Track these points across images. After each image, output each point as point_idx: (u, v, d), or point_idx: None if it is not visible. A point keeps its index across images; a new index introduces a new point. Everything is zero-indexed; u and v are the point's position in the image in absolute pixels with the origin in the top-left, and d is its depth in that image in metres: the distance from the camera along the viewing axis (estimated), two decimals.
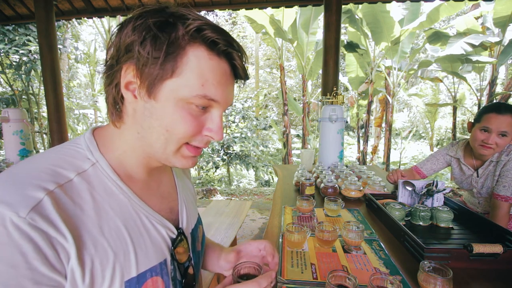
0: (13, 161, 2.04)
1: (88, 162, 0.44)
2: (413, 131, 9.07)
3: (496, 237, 0.93)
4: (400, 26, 4.86)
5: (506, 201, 1.26)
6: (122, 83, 0.42)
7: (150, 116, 0.43)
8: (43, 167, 0.40)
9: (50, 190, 0.37)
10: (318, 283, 0.71)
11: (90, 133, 0.48)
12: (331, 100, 2.32)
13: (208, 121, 0.46)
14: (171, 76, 0.41)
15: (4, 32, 4.93)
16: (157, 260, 0.47)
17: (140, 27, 0.40)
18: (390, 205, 1.15)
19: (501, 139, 1.29)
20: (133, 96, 0.43)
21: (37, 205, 0.35)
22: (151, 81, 0.41)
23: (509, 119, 1.28)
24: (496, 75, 4.55)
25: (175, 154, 0.46)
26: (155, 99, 0.42)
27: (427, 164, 1.64)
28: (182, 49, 0.40)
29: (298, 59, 5.62)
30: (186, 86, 0.41)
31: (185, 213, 0.57)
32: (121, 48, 0.41)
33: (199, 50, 0.41)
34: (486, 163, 1.40)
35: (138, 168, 0.49)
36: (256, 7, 3.38)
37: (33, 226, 0.33)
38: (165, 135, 0.43)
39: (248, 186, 5.97)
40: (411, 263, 0.82)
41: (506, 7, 3.96)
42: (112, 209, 0.43)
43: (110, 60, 0.43)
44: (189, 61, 0.41)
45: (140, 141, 0.46)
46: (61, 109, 3.32)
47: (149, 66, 0.40)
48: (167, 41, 0.39)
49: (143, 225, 0.47)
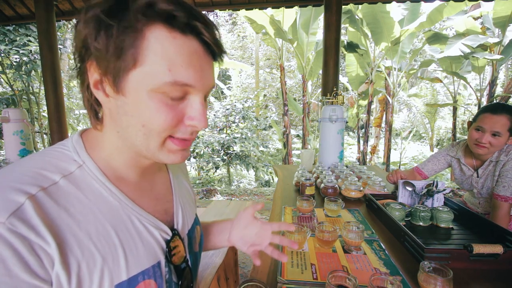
0: (13, 161, 2.04)
1: (75, 164, 0.42)
2: (413, 131, 9.08)
3: (496, 237, 0.93)
4: (400, 26, 4.86)
5: (506, 201, 1.27)
6: (91, 83, 0.40)
7: (124, 113, 0.40)
8: (26, 170, 0.38)
9: (31, 194, 0.35)
10: (318, 283, 0.71)
11: (78, 135, 0.47)
12: (331, 101, 2.32)
13: (188, 109, 0.42)
14: (134, 66, 0.37)
15: (5, 32, 4.93)
16: (149, 263, 0.45)
17: (90, 20, 0.36)
18: (390, 206, 1.15)
19: (494, 139, 1.30)
20: (104, 95, 0.40)
21: (18, 209, 0.33)
22: (115, 76, 0.37)
23: (503, 120, 1.28)
24: (496, 75, 4.55)
25: (161, 150, 0.43)
26: (124, 95, 0.38)
27: (428, 164, 1.64)
28: (139, 33, 0.36)
29: (298, 59, 5.62)
30: (152, 75, 0.37)
31: (180, 214, 0.56)
32: (79, 46, 0.38)
33: (158, 30, 0.36)
34: (485, 163, 1.40)
35: (128, 169, 0.47)
36: (256, 7, 3.39)
37: (13, 231, 0.32)
38: (143, 130, 0.40)
39: (248, 186, 5.97)
40: (411, 263, 0.82)
41: (505, 7, 3.96)
42: (100, 212, 0.41)
43: (75, 60, 0.40)
44: (149, 45, 0.36)
45: (123, 141, 0.43)
46: (61, 109, 3.33)
47: (108, 59, 0.36)
48: (120, 27, 0.35)
49: (134, 228, 0.45)
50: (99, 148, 0.45)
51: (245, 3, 3.34)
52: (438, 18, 4.25)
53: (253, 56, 10.84)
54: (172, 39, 0.37)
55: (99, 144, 0.45)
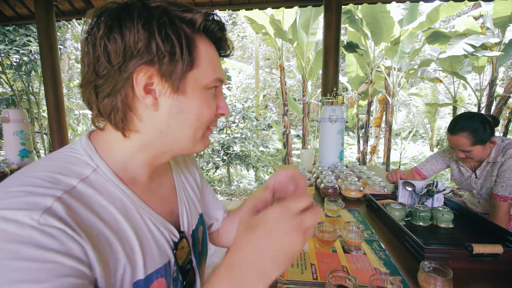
0: (13, 161, 2.04)
1: (89, 167, 0.43)
2: (413, 131, 9.07)
3: (496, 237, 0.93)
4: (400, 26, 4.85)
5: (505, 201, 1.27)
6: (140, 88, 0.41)
7: (179, 111, 0.44)
8: (43, 175, 0.38)
9: (57, 196, 0.36)
10: (318, 283, 0.71)
11: (87, 137, 0.47)
12: (331, 101, 2.33)
13: (217, 101, 0.50)
14: (192, 68, 0.43)
15: (5, 32, 4.92)
16: (162, 262, 0.47)
17: (162, 26, 0.39)
18: (390, 206, 1.15)
19: (468, 154, 1.32)
20: (153, 98, 0.42)
21: (48, 209, 0.34)
22: (176, 78, 0.42)
23: (461, 140, 1.29)
24: (495, 75, 4.55)
25: (201, 139, 0.49)
26: (184, 94, 0.43)
27: (427, 165, 1.65)
28: (192, 40, 0.43)
29: (298, 59, 5.62)
30: (204, 74, 0.45)
31: (185, 215, 0.57)
32: (128, 53, 0.39)
33: (202, 39, 0.45)
34: (483, 164, 1.40)
35: (143, 169, 0.49)
36: (256, 7, 3.39)
37: (50, 225, 0.33)
38: (196, 124, 0.46)
39: (248, 187, 5.96)
40: (411, 263, 0.82)
41: (506, 7, 3.96)
42: (119, 213, 0.43)
43: (106, 68, 0.40)
44: (201, 50, 0.44)
45: (159, 139, 0.46)
46: (61, 109, 3.33)
47: (171, 63, 0.41)
48: (183, 36, 0.41)
49: (147, 228, 0.47)
50: (113, 150, 0.46)
51: (245, 3, 3.34)
52: (438, 17, 4.24)
53: (253, 56, 10.83)
54: (209, 45, 0.46)
55: (113, 146, 0.46)
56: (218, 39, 0.48)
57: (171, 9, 0.41)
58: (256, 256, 0.35)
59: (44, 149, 5.76)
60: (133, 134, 0.45)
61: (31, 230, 0.32)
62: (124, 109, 0.42)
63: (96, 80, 0.41)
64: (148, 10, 0.40)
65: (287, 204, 0.37)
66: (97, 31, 0.39)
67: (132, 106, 0.43)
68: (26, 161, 2.14)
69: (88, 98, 0.43)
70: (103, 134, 0.47)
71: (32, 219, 0.32)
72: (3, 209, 0.33)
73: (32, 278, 0.30)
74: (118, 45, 0.39)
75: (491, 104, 4.63)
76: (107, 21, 0.39)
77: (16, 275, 0.30)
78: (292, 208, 0.37)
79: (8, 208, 0.33)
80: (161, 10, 0.40)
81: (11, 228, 0.31)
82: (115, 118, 0.43)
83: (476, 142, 1.29)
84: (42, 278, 0.31)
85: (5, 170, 1.80)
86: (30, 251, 0.31)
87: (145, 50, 0.39)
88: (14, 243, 0.31)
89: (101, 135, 0.47)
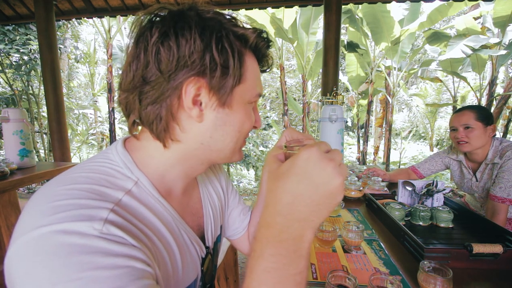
0: (13, 161, 2.04)
1: (130, 181, 0.42)
2: (413, 131, 9.07)
3: (496, 237, 0.93)
4: (400, 26, 4.85)
5: (503, 203, 1.26)
6: (189, 99, 0.40)
7: (223, 124, 0.44)
8: (88, 188, 0.37)
9: (110, 208, 0.36)
10: (318, 283, 0.71)
11: (122, 146, 0.45)
12: (331, 100, 2.33)
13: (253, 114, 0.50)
14: (239, 83, 0.43)
15: (4, 32, 4.92)
16: (193, 277, 0.48)
17: (203, 38, 0.38)
18: (390, 205, 1.15)
19: (468, 132, 1.37)
20: (199, 110, 0.41)
21: (107, 219, 0.34)
22: (225, 92, 0.41)
23: (467, 114, 1.39)
24: (495, 75, 4.54)
25: (239, 150, 0.50)
26: (230, 108, 0.43)
27: (425, 164, 1.66)
28: (242, 55, 0.42)
29: (298, 59, 5.62)
30: (249, 89, 0.45)
31: (210, 230, 0.57)
32: (181, 62, 0.38)
33: (249, 54, 0.45)
34: (482, 166, 1.40)
35: (178, 181, 0.49)
36: (256, 7, 3.38)
37: (112, 234, 0.33)
38: (237, 136, 0.46)
39: (248, 186, 5.96)
40: (411, 263, 0.82)
41: (506, 7, 3.95)
42: (163, 226, 0.43)
43: (154, 75, 0.38)
44: (248, 66, 0.44)
45: (199, 151, 0.45)
46: (61, 109, 3.33)
47: (223, 77, 0.40)
48: (236, 50, 0.41)
49: (184, 242, 0.47)
50: (152, 162, 0.45)
51: (245, 3, 3.34)
52: (438, 18, 4.24)
53: None
54: (254, 61, 0.46)
55: (151, 157, 0.45)
56: (263, 55, 0.48)
57: (224, 21, 0.41)
58: (296, 204, 0.32)
59: (44, 148, 5.75)
60: (174, 145, 0.44)
61: (97, 239, 0.32)
62: (167, 118, 0.41)
63: (143, 86, 0.39)
64: (204, 21, 0.39)
65: (312, 145, 0.33)
66: (150, 36, 0.38)
67: (176, 116, 0.41)
68: (26, 161, 2.13)
69: (128, 104, 0.41)
70: (139, 143, 0.46)
71: (95, 229, 0.32)
72: (60, 223, 0.31)
73: (111, 286, 0.30)
74: (173, 53, 0.37)
75: (491, 104, 4.63)
76: (162, 27, 0.38)
77: (95, 285, 0.29)
78: (319, 148, 0.33)
79: (66, 221, 0.32)
80: (216, 22, 0.39)
81: (76, 240, 0.31)
82: (157, 127, 0.41)
83: (479, 118, 1.36)
84: (119, 284, 0.30)
85: (5, 169, 1.79)
86: (102, 259, 0.31)
87: (199, 61, 0.38)
88: (85, 254, 0.30)
89: (138, 144, 0.46)
